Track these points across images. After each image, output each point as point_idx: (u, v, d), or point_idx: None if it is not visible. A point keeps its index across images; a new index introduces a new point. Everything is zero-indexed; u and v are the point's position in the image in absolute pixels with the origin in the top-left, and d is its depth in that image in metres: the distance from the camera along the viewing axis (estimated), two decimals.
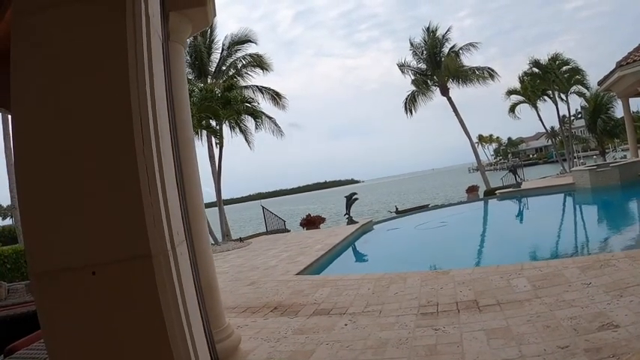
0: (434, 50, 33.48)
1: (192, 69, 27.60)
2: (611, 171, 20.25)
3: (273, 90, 27.85)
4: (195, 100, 20.33)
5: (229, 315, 7.12)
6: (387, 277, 8.24)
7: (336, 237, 15.33)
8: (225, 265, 13.18)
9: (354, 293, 7.57)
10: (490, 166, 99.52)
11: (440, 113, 77.07)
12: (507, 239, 14.15)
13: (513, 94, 39.27)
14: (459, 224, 18.94)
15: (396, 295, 7.08)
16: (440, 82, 33.32)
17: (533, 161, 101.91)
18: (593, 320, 4.71)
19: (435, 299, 6.53)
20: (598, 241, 11.74)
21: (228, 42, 28.11)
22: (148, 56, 2.05)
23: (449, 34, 33.87)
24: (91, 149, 1.94)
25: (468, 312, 5.77)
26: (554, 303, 5.45)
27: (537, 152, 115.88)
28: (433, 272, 8.16)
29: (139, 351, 1.95)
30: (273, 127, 26.93)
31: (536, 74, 36.77)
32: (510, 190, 24.35)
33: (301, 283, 9.09)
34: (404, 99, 34.82)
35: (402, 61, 35.04)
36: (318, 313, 6.84)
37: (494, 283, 6.71)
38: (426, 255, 12.96)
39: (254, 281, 9.93)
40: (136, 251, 1.91)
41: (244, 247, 17.23)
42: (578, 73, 36.22)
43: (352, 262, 14.01)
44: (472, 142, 34.39)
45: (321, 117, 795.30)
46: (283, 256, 13.08)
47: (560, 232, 14.30)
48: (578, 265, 6.77)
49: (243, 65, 27.99)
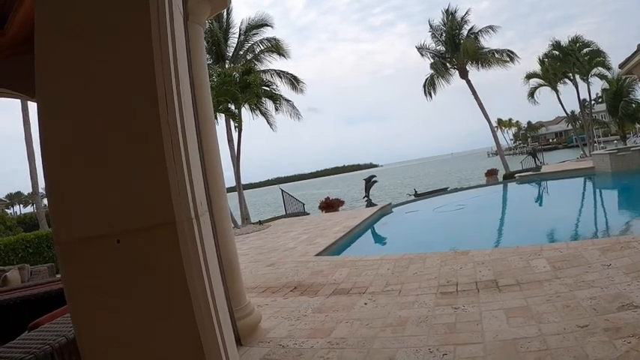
0: (453, 33, 33.10)
1: (210, 54, 27.58)
2: (631, 155, 19.97)
3: (292, 74, 27.70)
4: (214, 85, 20.28)
5: (249, 295, 7.17)
6: (406, 258, 8.23)
7: (354, 219, 15.34)
8: (245, 247, 13.26)
9: (374, 273, 7.58)
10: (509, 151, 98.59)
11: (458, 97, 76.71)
12: (526, 222, 14.01)
13: (533, 78, 38.73)
14: (478, 207, 18.83)
15: (415, 275, 7.07)
16: (459, 65, 32.95)
17: (552, 146, 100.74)
18: (613, 301, 4.66)
19: (454, 279, 6.51)
20: (618, 224, 11.59)
21: (245, 26, 28.03)
22: (171, 28, 2.06)
23: (468, 17, 33.46)
24: (116, 117, 1.96)
25: (488, 292, 5.75)
26: (573, 283, 5.40)
27: (557, 137, 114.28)
28: (452, 253, 8.10)
29: (164, 319, 1.97)
30: (291, 111, 26.90)
31: (556, 56, 36.21)
32: (530, 174, 24.16)
33: (320, 263, 9.11)
34: (423, 82, 34.54)
35: (421, 44, 34.73)
36: (337, 293, 6.86)
37: (514, 264, 6.66)
38: (444, 237, 12.91)
39: (274, 262, 9.98)
40: (161, 218, 1.93)
41: (264, 229, 17.35)
42: (599, 55, 35.60)
43: (371, 244, 14.01)
44: (491, 126, 34.06)
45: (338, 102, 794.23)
46: (302, 238, 13.13)
47: (580, 215, 14.17)
48: (598, 247, 6.69)
49: (260, 50, 27.95)
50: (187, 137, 2.06)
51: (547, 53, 37.18)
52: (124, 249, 1.93)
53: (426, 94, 34.46)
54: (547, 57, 37.25)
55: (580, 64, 35.59)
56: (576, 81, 37.00)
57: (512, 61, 32.75)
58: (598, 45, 35.68)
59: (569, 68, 36.13)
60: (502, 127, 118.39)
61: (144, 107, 1.95)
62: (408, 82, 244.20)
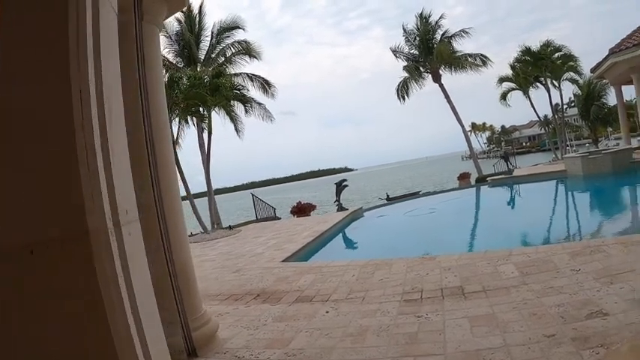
0: (426, 37, 33.30)
1: (181, 57, 27.74)
2: (603, 158, 20.11)
3: (263, 78, 27.96)
4: (183, 88, 20.06)
5: (212, 303, 7.06)
6: (372, 264, 8.07)
7: (324, 224, 15.20)
8: (214, 252, 13.11)
9: (339, 280, 7.40)
10: (483, 154, 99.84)
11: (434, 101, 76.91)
12: (497, 225, 14.02)
13: (505, 82, 39.10)
14: (449, 211, 18.78)
15: (380, 282, 6.90)
16: (432, 69, 33.12)
17: (526, 149, 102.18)
18: (582, 308, 4.52)
19: (419, 285, 6.34)
20: (589, 228, 11.61)
21: (217, 29, 28.18)
22: (94, 25, 1.90)
23: (441, 21, 33.70)
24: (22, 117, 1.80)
25: (453, 299, 5.58)
26: (541, 290, 5.27)
27: (530, 140, 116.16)
28: (419, 258, 7.93)
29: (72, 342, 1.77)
30: (263, 113, 26.89)
31: (527, 61, 36.54)
32: (502, 177, 24.29)
33: (286, 269, 8.94)
34: (396, 86, 34.61)
35: (396, 46, 34.85)
36: (300, 300, 6.67)
37: (481, 269, 6.53)
38: (413, 241, 12.79)
39: (240, 268, 9.80)
40: (73, 227, 1.74)
41: (233, 235, 17.16)
42: (571, 59, 35.97)
43: (339, 249, 13.84)
44: (464, 130, 34.27)
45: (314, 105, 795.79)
46: (271, 243, 12.97)
47: (551, 218, 14.16)
48: (567, 252, 6.59)
49: (233, 53, 28.09)
50: (110, 139, 1.89)
51: (518, 58, 37.50)
52: (27, 262, 1.73)
53: (399, 97, 34.61)
54: (518, 62, 37.57)
55: (552, 68, 35.93)
56: (548, 85, 37.34)
57: (485, 65, 33.19)
58: (570, 49, 36.11)
59: (541, 72, 36.44)
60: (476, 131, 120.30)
61: (56, 111, 1.78)
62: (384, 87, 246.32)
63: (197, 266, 10.74)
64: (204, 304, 6.60)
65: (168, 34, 27.24)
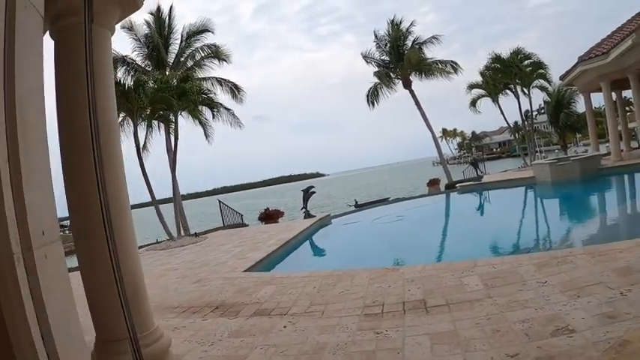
0: (397, 43, 33.28)
1: (150, 60, 27.31)
2: (571, 165, 20.32)
3: (232, 82, 27.72)
4: (149, 92, 19.66)
5: (169, 315, 6.86)
6: (334, 275, 7.87)
7: (291, 232, 15.02)
8: (177, 261, 12.87)
9: (299, 292, 7.18)
10: (454, 160, 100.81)
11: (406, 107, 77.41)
12: (464, 234, 13.92)
13: (475, 88, 39.33)
14: (417, 218, 18.68)
15: (341, 294, 6.67)
16: (403, 75, 33.12)
17: (496, 155, 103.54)
18: (547, 324, 4.36)
19: (381, 299, 6.12)
20: (556, 237, 11.58)
21: (186, 32, 27.91)
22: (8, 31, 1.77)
23: (412, 28, 33.78)
24: None
25: (414, 313, 5.37)
26: (506, 304, 5.09)
27: (501, 146, 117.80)
28: (382, 269, 7.72)
29: None
30: (231, 120, 26.67)
31: (497, 68, 36.81)
32: (471, 184, 24.34)
33: (247, 280, 8.70)
34: (367, 92, 34.55)
35: (367, 52, 34.82)
36: (258, 314, 6.42)
37: (445, 281, 6.33)
38: (379, 250, 12.61)
39: (201, 279, 9.55)
40: None
41: (199, 242, 16.91)
42: (540, 67, 36.29)
43: (304, 258, 13.58)
44: (434, 136, 34.30)
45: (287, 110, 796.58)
46: (235, 251, 12.74)
47: (518, 226, 14.14)
48: (534, 262, 6.47)
49: (202, 57, 27.92)
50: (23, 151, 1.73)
51: (488, 65, 37.75)
52: None
53: (369, 103, 34.51)
54: (488, 69, 37.82)
55: (522, 76, 36.24)
56: (518, 92, 37.65)
57: (455, 72, 33.36)
58: (539, 57, 36.46)
59: (510, 80, 36.72)
60: (447, 137, 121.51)
61: None
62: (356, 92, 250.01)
63: (159, 276, 10.57)
64: (161, 317, 6.44)
65: (137, 37, 26.91)
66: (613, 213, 14.36)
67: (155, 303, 7.52)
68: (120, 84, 18.74)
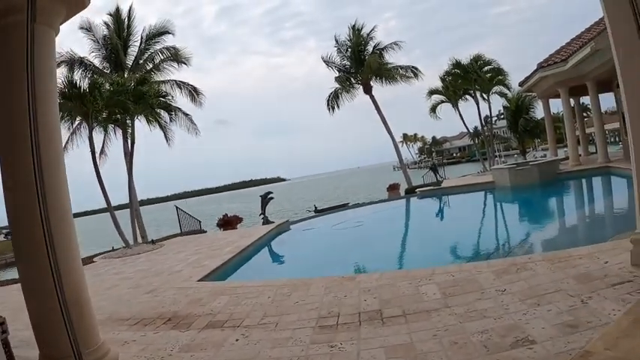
0: (358, 48, 33.33)
1: (108, 62, 26.90)
2: (530, 169, 20.58)
3: (192, 85, 27.57)
4: (105, 95, 19.17)
5: (120, 328, 6.59)
6: (290, 284, 7.67)
7: (248, 238, 14.78)
8: (132, 270, 12.55)
9: (253, 302, 6.95)
10: (415, 165, 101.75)
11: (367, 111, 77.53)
12: (423, 240, 13.93)
13: (435, 94, 39.68)
14: (376, 224, 18.64)
15: (296, 305, 6.47)
16: (363, 80, 33.15)
17: (456, 160, 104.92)
18: (507, 335, 4.24)
19: (336, 309, 5.93)
20: (516, 243, 11.59)
21: (146, 34, 27.57)
22: None
23: (374, 33, 33.83)
24: None
25: (370, 324, 5.19)
26: (464, 314, 4.96)
27: (461, 151, 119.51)
28: (339, 278, 7.54)
29: None
30: (189, 125, 26.49)
31: (457, 74, 37.19)
32: (430, 189, 24.40)
33: (201, 290, 8.45)
34: (327, 96, 34.48)
35: (328, 56, 34.71)
36: (211, 326, 6.17)
37: (402, 290, 6.18)
38: (337, 258, 12.48)
39: (154, 288, 9.26)
40: None
41: (156, 249, 16.59)
42: (500, 73, 36.81)
43: (260, 266, 13.31)
44: (394, 141, 34.45)
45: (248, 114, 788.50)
46: (191, 259, 12.47)
47: (477, 232, 14.14)
48: (493, 270, 6.38)
49: (161, 60, 27.68)
50: None
51: (448, 71, 38.11)
52: None
53: (330, 108, 34.43)
54: (448, 75, 38.19)
55: (482, 82, 36.68)
56: (477, 98, 38.09)
57: (416, 77, 33.64)
58: (499, 64, 36.97)
59: (470, 85, 37.14)
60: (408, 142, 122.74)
61: None
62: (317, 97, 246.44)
63: (113, 285, 10.28)
64: (112, 330, 6.24)
65: (95, 38, 26.50)
66: (572, 217, 14.52)
67: (106, 315, 7.32)
68: (75, 86, 18.25)
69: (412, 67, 33.80)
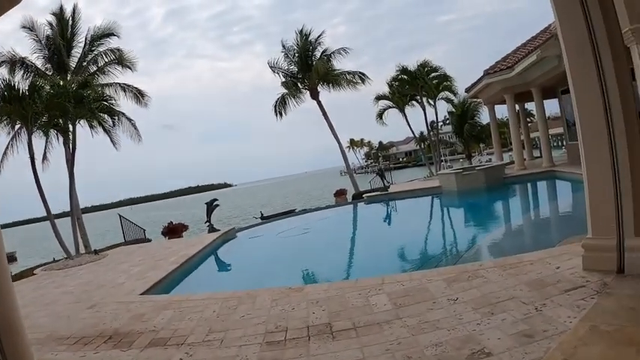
0: (305, 53, 33.30)
1: (51, 64, 26.03)
2: (476, 174, 20.88)
3: (136, 88, 27.09)
4: (45, 97, 18.49)
5: (59, 349, 6.16)
6: (236, 296, 7.38)
7: (193, 247, 14.35)
8: (73, 283, 11.87)
9: (198, 317, 6.63)
10: (362, 170, 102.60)
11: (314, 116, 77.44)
12: (371, 247, 13.79)
13: (382, 100, 40.02)
14: (323, 231, 18.54)
15: (242, 319, 6.18)
16: (310, 86, 33.13)
17: (403, 164, 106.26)
18: (462, 347, 4.10)
19: (284, 323, 5.69)
20: (465, 249, 11.56)
21: (91, 35, 26.89)
22: None
23: (322, 38, 33.87)
24: None
25: (320, 339, 4.97)
26: (416, 325, 4.80)
27: (407, 156, 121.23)
28: (286, 289, 7.29)
29: None
30: (132, 131, 26.02)
31: (404, 80, 37.61)
32: (378, 194, 24.44)
33: (144, 305, 8.04)
34: (274, 102, 34.27)
35: (274, 62, 34.48)
36: (153, 344, 5.82)
37: (352, 302, 5.99)
38: (283, 267, 12.24)
39: (95, 303, 8.75)
40: None
41: (99, 260, 15.84)
42: (446, 79, 37.50)
43: (205, 277, 12.93)
44: (341, 146, 34.49)
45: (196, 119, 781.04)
46: (134, 270, 11.97)
47: (426, 238, 14.15)
48: (443, 278, 6.28)
49: (106, 63, 27.13)
50: None
51: (395, 77, 38.49)
52: None
53: (277, 113, 34.20)
54: (395, 80, 38.57)
55: (428, 88, 37.20)
56: (424, 103, 38.59)
57: (364, 83, 33.69)
58: (445, 70, 37.61)
59: (417, 91, 37.62)
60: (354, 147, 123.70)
61: None
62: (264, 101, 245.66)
63: (53, 301, 9.75)
64: (50, 350, 5.92)
65: (38, 38, 25.71)
66: (520, 222, 14.73)
67: (46, 333, 6.91)
68: (14, 88, 17.54)
69: (359, 72, 33.95)
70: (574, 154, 19.98)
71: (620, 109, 5.06)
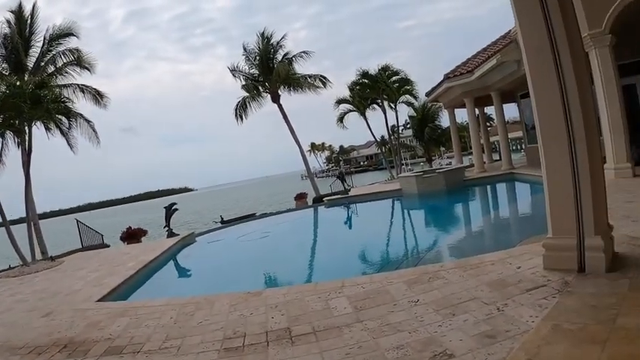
0: (267, 56, 33.21)
1: (8, 63, 25.24)
2: (437, 177, 21.05)
3: (95, 89, 26.53)
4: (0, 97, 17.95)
5: (12, 359, 5.95)
6: (193, 302, 7.20)
7: (152, 252, 14.08)
8: (28, 290, 11.47)
9: (155, 324, 6.43)
10: (323, 173, 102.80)
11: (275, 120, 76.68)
12: (331, 250, 13.76)
13: (343, 103, 40.14)
14: (283, 234, 18.39)
15: (200, 325, 6.02)
16: (271, 89, 33.05)
17: (364, 168, 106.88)
18: (424, 349, 4.03)
19: (242, 328, 5.54)
20: (426, 250, 11.58)
21: (50, 35, 26.18)
22: None
23: (283, 42, 33.87)
24: None
25: (279, 344, 4.84)
26: (377, 328, 4.72)
27: (368, 159, 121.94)
28: (244, 294, 7.14)
29: None
30: (90, 133, 25.53)
31: (365, 84, 37.80)
32: (338, 197, 24.48)
33: (100, 312, 7.78)
34: (235, 105, 34.07)
35: (235, 66, 34.27)
36: (109, 353, 5.61)
37: (311, 305, 5.88)
38: (243, 271, 12.05)
39: (51, 311, 8.42)
40: None
41: (55, 266, 15.36)
42: (407, 83, 37.82)
43: (164, 283, 12.63)
44: (301, 150, 34.50)
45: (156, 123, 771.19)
46: (92, 277, 11.61)
47: (386, 241, 14.15)
48: (404, 280, 6.22)
49: (65, 63, 26.48)
50: None
51: (356, 81, 38.66)
52: None
53: (237, 117, 34.01)
54: (356, 84, 38.74)
55: (389, 91, 37.43)
56: (385, 107, 38.82)
57: (325, 86, 33.88)
58: (407, 74, 37.92)
59: (378, 95, 37.82)
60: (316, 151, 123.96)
61: None
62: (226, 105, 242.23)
63: (7, 309, 9.43)
64: None
65: None
66: (480, 223, 14.85)
67: None
68: None
69: (321, 76, 34.08)
70: (533, 156, 20.38)
71: (579, 111, 5.10)
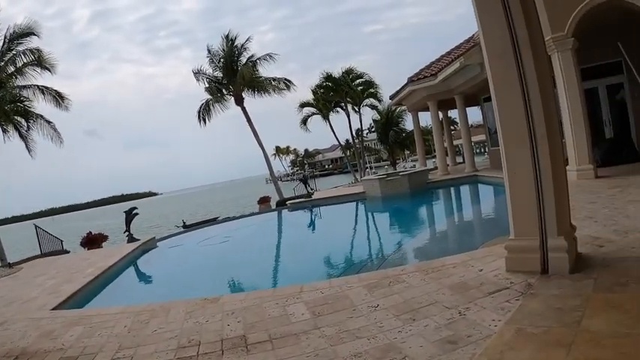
0: (231, 59, 33.16)
1: None
2: (400, 179, 21.14)
3: (55, 90, 25.74)
4: None
5: None
6: (149, 309, 6.97)
7: (111, 258, 13.75)
8: None
9: (109, 333, 6.19)
10: (287, 177, 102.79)
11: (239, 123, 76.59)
12: (292, 254, 13.72)
13: (307, 107, 40.17)
14: (244, 239, 18.22)
15: (154, 334, 5.79)
16: (235, 92, 32.87)
17: (328, 171, 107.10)
18: (382, 357, 3.91)
19: (197, 337, 5.35)
20: (387, 254, 11.56)
21: (10, 34, 25.20)
22: None
23: (248, 44, 33.87)
24: None
25: (234, 353, 4.66)
26: (335, 335, 4.58)
27: (333, 163, 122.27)
28: (201, 301, 6.94)
29: None
30: (52, 134, 24.79)
31: (329, 86, 37.87)
32: (301, 201, 24.45)
33: (54, 321, 7.47)
34: (198, 108, 33.80)
35: (199, 69, 34.13)
36: None
37: (269, 312, 5.72)
38: (201, 277, 11.83)
39: (5, 320, 8.07)
40: None
41: (13, 273, 14.88)
42: (371, 86, 38.04)
43: (122, 289, 12.31)
44: (265, 153, 34.45)
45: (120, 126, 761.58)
46: (49, 284, 11.24)
47: (348, 244, 14.04)
48: (364, 284, 6.10)
49: (24, 64, 25.49)
50: None
51: (319, 84, 38.72)
52: None
53: (200, 119, 33.87)
54: (319, 87, 38.80)
55: (353, 94, 37.55)
56: (349, 110, 38.95)
57: (289, 89, 34.09)
58: (371, 77, 38.10)
59: (341, 98, 37.92)
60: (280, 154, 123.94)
61: None
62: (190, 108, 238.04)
63: None
64: None
65: None
66: (443, 226, 14.88)
67: None
68: None
69: (285, 79, 34.23)
70: (496, 159, 20.56)
71: (541, 113, 5.09)
